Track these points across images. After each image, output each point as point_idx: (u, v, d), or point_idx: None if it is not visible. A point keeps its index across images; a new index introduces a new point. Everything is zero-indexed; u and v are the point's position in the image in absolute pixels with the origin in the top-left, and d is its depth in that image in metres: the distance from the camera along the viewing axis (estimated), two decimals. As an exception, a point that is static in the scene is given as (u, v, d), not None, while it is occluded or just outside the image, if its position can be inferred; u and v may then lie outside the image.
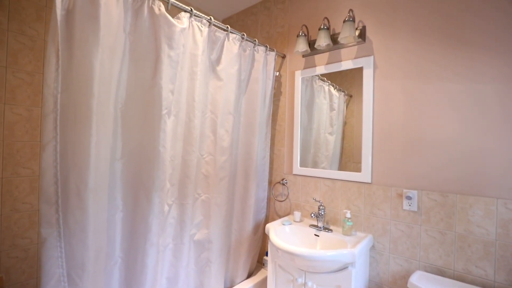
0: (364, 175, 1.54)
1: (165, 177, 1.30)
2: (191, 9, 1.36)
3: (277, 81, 2.02)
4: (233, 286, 1.77)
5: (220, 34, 1.56)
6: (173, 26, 1.26)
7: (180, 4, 1.32)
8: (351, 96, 1.64)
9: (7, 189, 1.46)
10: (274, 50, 1.90)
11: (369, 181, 1.52)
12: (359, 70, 1.57)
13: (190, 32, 1.38)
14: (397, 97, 1.44)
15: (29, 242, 1.54)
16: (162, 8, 1.24)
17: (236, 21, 2.38)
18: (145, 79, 1.24)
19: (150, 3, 1.21)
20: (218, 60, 1.58)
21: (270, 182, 2.04)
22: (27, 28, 1.50)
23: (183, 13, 1.35)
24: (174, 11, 1.30)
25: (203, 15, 1.43)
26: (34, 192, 1.55)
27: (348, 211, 1.50)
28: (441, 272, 1.28)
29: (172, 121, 1.32)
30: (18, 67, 1.48)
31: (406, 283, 1.32)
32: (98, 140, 1.06)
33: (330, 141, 1.75)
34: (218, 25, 1.53)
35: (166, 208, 1.34)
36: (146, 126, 1.25)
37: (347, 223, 1.48)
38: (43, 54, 1.56)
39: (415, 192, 1.36)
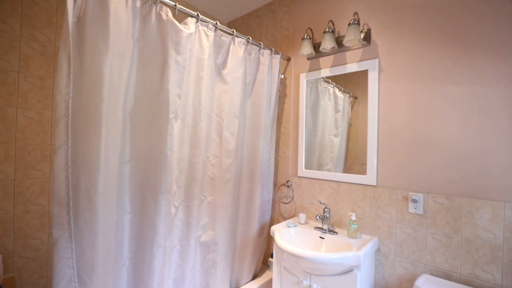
0: (369, 178, 1.54)
1: (172, 180, 1.32)
2: (198, 14, 1.38)
3: (282, 84, 2.03)
4: (238, 287, 1.78)
5: (226, 38, 1.58)
6: (180, 32, 1.28)
7: (187, 10, 1.34)
8: (356, 98, 1.64)
9: (19, 191, 1.50)
10: (279, 53, 1.91)
11: (375, 184, 1.52)
12: (364, 72, 1.58)
13: (197, 37, 1.40)
14: (402, 99, 1.44)
15: (40, 242, 1.57)
16: (170, 13, 1.26)
17: (241, 24, 2.40)
18: (153, 84, 1.26)
19: (158, 9, 1.23)
20: (223, 64, 1.60)
21: (275, 184, 2.05)
22: (38, 34, 1.54)
23: (189, 18, 1.37)
24: (181, 16, 1.33)
25: (209, 19, 1.45)
26: (44, 193, 1.59)
27: (353, 214, 1.50)
28: (447, 276, 1.28)
29: (179, 124, 1.34)
30: (30, 72, 1.52)
31: (412, 286, 1.31)
32: (107, 143, 1.08)
33: (335, 143, 1.75)
34: (224, 29, 1.55)
35: (173, 210, 1.36)
36: (153, 130, 1.27)
37: (352, 226, 1.48)
38: (53, 59, 1.59)
39: (421, 195, 1.36)
